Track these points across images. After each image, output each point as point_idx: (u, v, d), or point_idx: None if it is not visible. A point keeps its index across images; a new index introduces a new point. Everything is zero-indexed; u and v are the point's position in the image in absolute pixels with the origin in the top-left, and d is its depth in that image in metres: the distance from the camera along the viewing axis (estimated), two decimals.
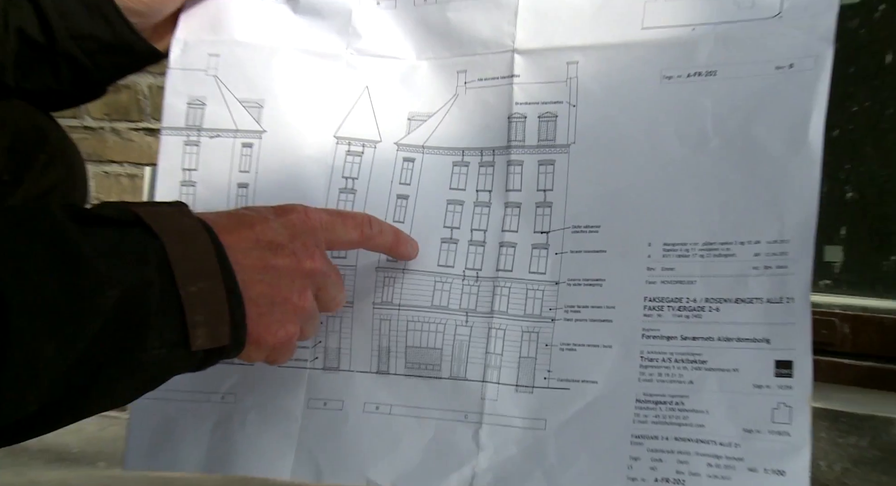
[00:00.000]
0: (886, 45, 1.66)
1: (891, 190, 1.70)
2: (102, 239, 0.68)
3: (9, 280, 0.60)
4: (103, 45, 1.02)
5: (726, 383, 0.87)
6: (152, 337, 0.68)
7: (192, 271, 0.70)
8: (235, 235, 0.76)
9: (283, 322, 0.79)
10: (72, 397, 0.66)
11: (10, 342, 0.59)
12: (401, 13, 1.02)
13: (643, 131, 0.93)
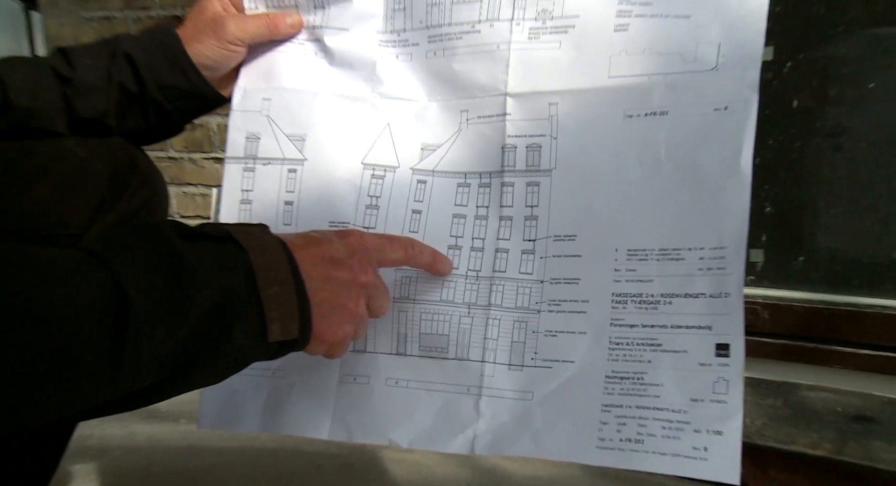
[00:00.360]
0: (793, 93, 1.66)
1: (799, 206, 1.70)
2: (202, 250, 0.68)
3: (130, 280, 0.61)
4: (182, 93, 1.03)
5: (677, 362, 0.86)
6: (238, 330, 0.68)
7: (270, 278, 0.71)
8: (305, 251, 0.76)
9: (341, 324, 0.79)
10: (175, 375, 0.66)
11: (129, 328, 0.60)
12: (415, 64, 1.01)
13: (610, 159, 0.92)
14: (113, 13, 2.41)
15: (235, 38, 1.01)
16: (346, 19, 1.03)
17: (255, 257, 0.70)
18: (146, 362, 0.62)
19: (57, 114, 0.99)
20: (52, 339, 0.57)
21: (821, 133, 1.67)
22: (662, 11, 0.91)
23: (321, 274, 0.77)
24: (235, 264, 0.70)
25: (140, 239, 0.67)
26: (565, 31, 0.94)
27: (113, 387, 0.62)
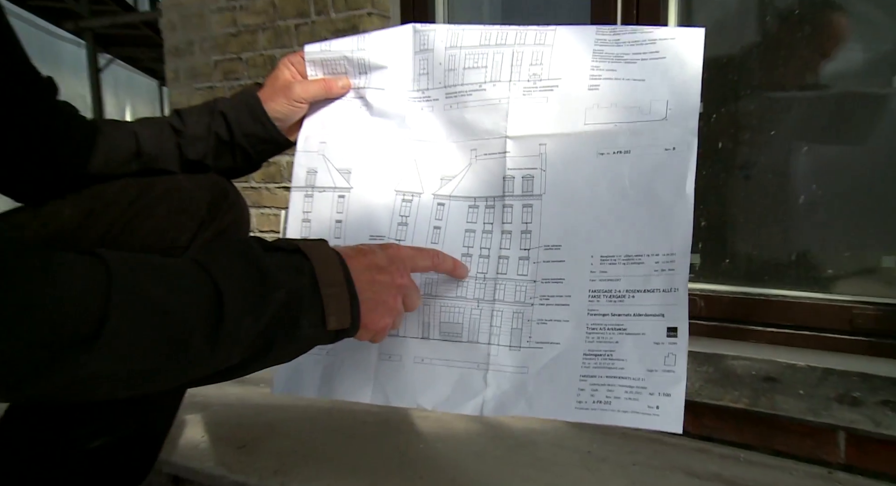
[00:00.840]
0: (717, 137, 1.65)
1: (724, 221, 1.68)
2: (278, 259, 0.69)
3: (224, 282, 0.62)
4: (261, 139, 1.02)
5: (638, 342, 0.84)
6: (304, 320, 0.69)
7: (328, 281, 0.71)
8: (355, 260, 0.76)
9: (382, 316, 0.78)
10: (256, 355, 0.66)
11: (224, 318, 0.61)
12: (436, 114, 0.96)
13: (586, 186, 0.88)
14: (214, 84, 2.41)
15: (300, 97, 1.00)
16: (383, 81, 1.00)
17: (316, 265, 0.70)
18: (236, 344, 0.63)
19: (172, 158, 1.01)
20: (171, 326, 0.58)
21: (736, 167, 1.65)
22: (624, 76, 0.88)
23: (367, 278, 0.76)
24: (302, 270, 0.69)
25: (232, 251, 0.67)
26: (551, 90, 0.91)
27: (212, 363, 0.62)
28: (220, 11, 2.34)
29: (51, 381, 0.53)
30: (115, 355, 0.55)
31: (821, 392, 1.36)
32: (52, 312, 0.52)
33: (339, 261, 0.73)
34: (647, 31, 0.89)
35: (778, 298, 1.56)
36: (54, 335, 0.52)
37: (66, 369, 0.53)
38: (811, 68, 1.56)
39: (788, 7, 1.57)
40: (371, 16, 2.03)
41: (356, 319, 0.74)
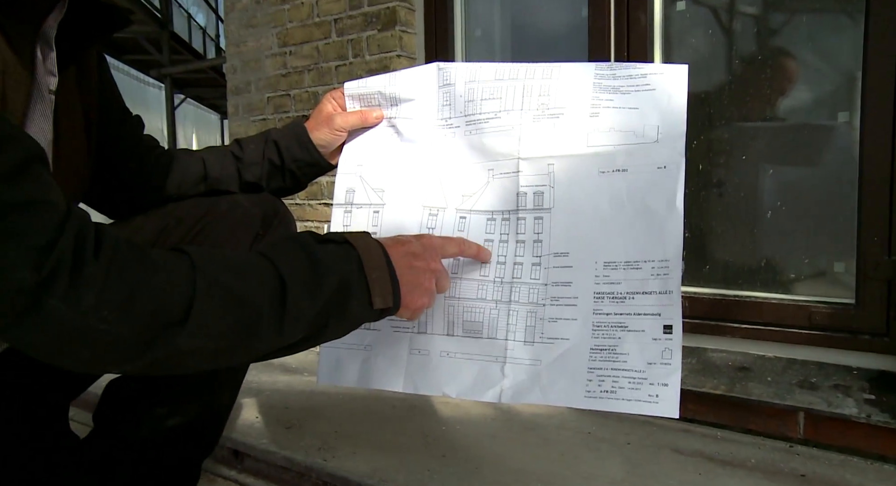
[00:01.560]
0: (697, 160, 1.62)
1: (703, 232, 1.63)
2: (330, 250, 0.68)
3: (286, 271, 0.62)
4: (307, 164, 1.01)
5: (638, 338, 0.80)
6: (353, 300, 0.68)
7: (372, 267, 0.70)
8: (394, 248, 0.74)
9: (420, 297, 0.75)
10: (315, 332, 0.66)
11: (287, 298, 0.61)
12: (458, 140, 0.92)
13: (590, 201, 0.84)
14: (267, 116, 2.38)
15: (341, 127, 0.98)
16: (411, 112, 0.96)
17: (362, 253, 0.69)
18: (298, 324, 0.62)
19: (233, 180, 1.01)
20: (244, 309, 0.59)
21: (713, 185, 1.61)
22: (621, 105, 0.85)
23: (406, 263, 0.74)
24: (350, 258, 0.68)
25: (291, 244, 0.67)
26: (557, 117, 0.87)
27: (278, 341, 0.62)
28: (273, 56, 2.32)
29: (153, 356, 0.54)
30: (201, 333, 0.55)
31: (785, 379, 1.34)
32: (154, 297, 0.53)
33: (381, 249, 0.71)
34: (639, 67, 0.86)
35: (749, 298, 1.52)
36: (157, 317, 0.53)
37: (165, 345, 0.54)
38: (772, 103, 1.55)
39: (752, 53, 1.57)
40: (400, 57, 2.00)
41: (398, 299, 0.72)
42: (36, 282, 0.47)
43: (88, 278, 0.50)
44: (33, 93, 0.64)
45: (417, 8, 2.04)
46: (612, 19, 1.64)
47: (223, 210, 0.92)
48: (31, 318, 0.48)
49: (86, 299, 0.49)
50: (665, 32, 1.64)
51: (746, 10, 1.60)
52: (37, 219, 0.49)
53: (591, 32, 1.68)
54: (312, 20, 2.19)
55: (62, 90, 0.72)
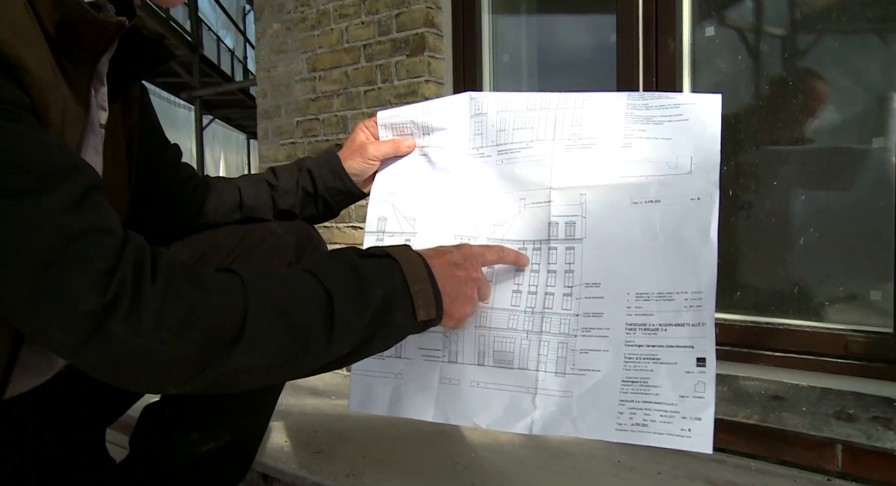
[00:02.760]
0: (727, 185, 1.60)
1: (734, 258, 1.62)
2: (373, 264, 0.69)
3: (332, 286, 0.63)
4: (340, 192, 1.03)
5: (670, 371, 0.79)
6: (398, 313, 0.68)
7: (415, 279, 0.70)
8: (436, 259, 0.75)
9: (463, 306, 0.77)
10: (361, 345, 0.66)
11: (334, 313, 0.62)
12: (489, 169, 0.93)
13: (622, 231, 0.84)
14: (296, 140, 2.42)
15: (374, 156, 0.99)
16: (443, 141, 0.97)
17: (404, 265, 0.70)
18: (346, 338, 0.63)
19: (267, 208, 1.03)
20: (294, 325, 0.60)
21: (742, 211, 1.60)
22: (653, 135, 0.85)
23: (447, 274, 0.75)
24: (393, 271, 0.69)
25: (335, 260, 0.68)
26: (589, 147, 0.87)
27: (327, 355, 0.63)
28: (303, 81, 2.36)
29: (210, 375, 0.55)
30: (255, 350, 0.57)
31: (821, 410, 1.30)
32: (209, 316, 0.54)
33: (422, 261, 0.72)
34: (672, 97, 0.86)
35: (782, 326, 1.49)
36: (212, 336, 0.54)
37: (220, 364, 0.55)
38: (802, 126, 1.53)
39: (781, 75, 1.56)
40: (428, 82, 2.02)
41: (440, 309, 0.72)
42: (101, 306, 0.49)
43: (147, 301, 0.51)
44: (87, 127, 0.66)
45: (445, 34, 2.07)
46: (641, 44, 1.65)
47: (258, 237, 0.94)
48: (95, 341, 0.50)
49: (145, 321, 0.51)
50: (694, 58, 1.64)
51: (776, 32, 1.59)
52: (100, 245, 0.51)
53: (620, 57, 1.68)
54: (342, 46, 2.23)
55: (109, 122, 0.75)
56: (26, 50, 0.55)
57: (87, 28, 0.61)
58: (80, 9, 0.60)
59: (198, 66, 6.80)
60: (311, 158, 1.05)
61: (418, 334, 0.75)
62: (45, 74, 0.56)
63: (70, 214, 0.50)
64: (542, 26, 2.03)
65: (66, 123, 0.60)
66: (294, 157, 2.42)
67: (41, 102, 0.56)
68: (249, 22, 10.73)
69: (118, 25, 0.64)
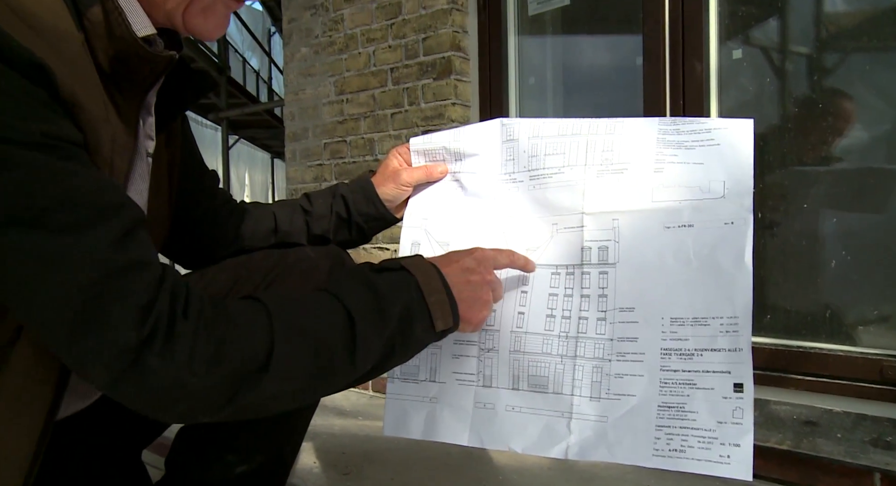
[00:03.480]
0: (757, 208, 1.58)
1: (764, 281, 1.60)
2: (389, 279, 0.70)
3: (352, 305, 0.65)
4: (373, 217, 1.04)
5: (707, 396, 0.79)
6: (416, 325, 0.70)
7: (431, 290, 0.71)
8: (449, 267, 0.76)
9: (479, 311, 0.77)
10: (383, 360, 0.68)
11: (356, 332, 0.63)
12: (521, 194, 0.94)
13: (655, 256, 0.84)
14: (323, 161, 2.45)
15: (406, 182, 1.01)
16: (475, 167, 0.98)
17: (419, 277, 0.71)
18: (368, 355, 0.65)
19: (301, 233, 1.04)
20: (319, 348, 0.61)
21: (772, 233, 1.59)
22: (685, 160, 0.85)
23: (462, 280, 0.76)
24: (409, 285, 0.70)
25: (354, 279, 0.69)
26: (621, 172, 0.88)
27: (352, 373, 0.65)
28: (331, 104, 2.40)
29: (241, 402, 0.57)
30: (283, 376, 0.58)
31: (856, 436, 1.28)
32: (238, 348, 0.56)
33: (437, 271, 0.73)
34: (703, 122, 0.86)
35: (814, 350, 1.48)
36: (242, 366, 0.56)
37: (251, 391, 0.57)
38: (831, 146, 1.52)
39: (809, 97, 1.56)
40: (455, 105, 2.05)
41: (457, 317, 0.74)
42: (139, 340, 0.51)
43: (180, 335, 0.53)
44: (135, 157, 0.69)
45: (472, 57, 2.09)
46: (668, 68, 1.66)
47: (292, 262, 0.95)
48: (132, 374, 0.51)
49: (179, 355, 0.52)
50: (721, 81, 1.64)
51: (802, 51, 1.59)
52: (139, 280, 0.53)
53: (646, 81, 1.69)
54: (369, 69, 2.27)
55: (154, 151, 0.77)
56: (81, 86, 0.57)
57: (140, 62, 0.64)
58: (133, 44, 0.62)
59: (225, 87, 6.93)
60: (344, 183, 1.06)
61: (438, 341, 0.77)
62: (98, 109, 0.59)
63: (113, 251, 0.52)
64: (568, 48, 2.05)
65: (115, 153, 0.62)
66: (321, 178, 2.45)
67: (93, 136, 0.58)
68: (274, 43, 10.92)
69: (168, 60, 0.66)
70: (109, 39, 0.61)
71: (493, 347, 0.89)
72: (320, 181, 2.45)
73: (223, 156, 7.31)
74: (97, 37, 0.61)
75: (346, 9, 2.33)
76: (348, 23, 2.33)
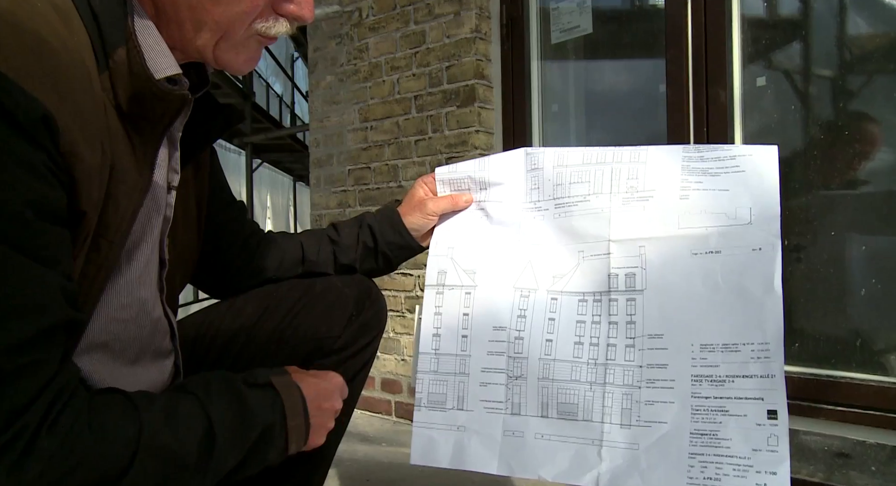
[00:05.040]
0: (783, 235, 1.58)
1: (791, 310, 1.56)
2: (257, 396, 0.69)
3: (218, 423, 0.64)
4: (399, 246, 1.05)
5: (741, 423, 0.79)
6: (272, 449, 0.70)
7: (293, 413, 0.71)
8: (309, 389, 0.75)
9: (321, 437, 0.77)
10: (230, 473, 0.66)
11: (213, 451, 0.63)
12: (547, 222, 0.95)
13: (683, 283, 0.84)
14: (347, 188, 2.48)
15: (432, 212, 1.02)
16: (500, 195, 0.99)
17: (285, 398, 0.71)
18: (218, 472, 0.65)
19: (328, 262, 1.04)
20: (175, 464, 0.60)
21: (799, 259, 1.58)
22: (710, 187, 0.86)
23: (316, 405, 0.75)
24: (275, 407, 0.70)
25: (223, 386, 0.68)
26: (647, 200, 0.89)
27: (204, 478, 0.64)
28: (355, 131, 2.44)
29: None
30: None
31: (892, 469, 1.26)
32: (95, 467, 0.55)
33: (300, 395, 0.73)
34: (727, 149, 0.87)
35: (845, 379, 1.46)
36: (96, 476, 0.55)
37: None
38: (857, 170, 1.52)
39: (833, 122, 1.56)
40: (478, 132, 2.07)
41: (306, 441, 0.74)
42: None
43: (38, 452, 0.51)
44: (147, 194, 0.69)
45: (495, 85, 2.12)
46: (691, 95, 1.67)
47: (319, 292, 0.96)
48: None
49: (28, 474, 0.51)
50: (745, 107, 1.65)
51: (826, 74, 1.60)
52: (20, 387, 0.51)
53: (670, 108, 1.70)
54: (393, 97, 2.31)
55: (181, 183, 0.78)
56: (85, 133, 0.57)
57: (154, 101, 0.64)
58: (148, 83, 0.63)
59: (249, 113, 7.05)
60: (371, 213, 1.08)
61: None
62: (95, 157, 0.58)
63: (5, 354, 0.51)
64: (590, 75, 2.07)
65: (121, 193, 0.63)
66: (345, 204, 2.48)
67: (86, 184, 0.57)
68: (297, 68, 11.11)
69: (182, 98, 0.66)
70: (129, 79, 0.62)
71: (521, 374, 0.89)
72: (344, 207, 2.48)
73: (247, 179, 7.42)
74: (119, 76, 0.62)
75: (370, 38, 2.38)
76: (373, 51, 2.38)
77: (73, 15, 0.60)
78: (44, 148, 0.53)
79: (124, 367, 0.73)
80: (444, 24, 2.15)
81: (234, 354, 0.93)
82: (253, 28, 0.69)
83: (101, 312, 0.67)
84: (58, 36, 0.57)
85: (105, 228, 0.62)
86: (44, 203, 0.54)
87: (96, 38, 0.61)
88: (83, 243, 0.61)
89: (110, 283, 0.67)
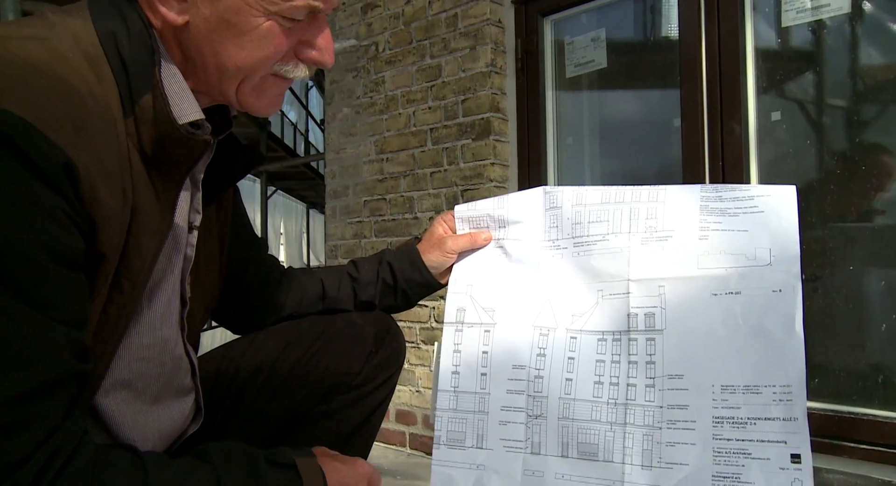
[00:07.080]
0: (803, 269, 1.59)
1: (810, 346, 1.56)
2: (277, 475, 0.67)
3: None
4: (418, 283, 1.05)
5: (763, 466, 0.78)
6: None
7: None
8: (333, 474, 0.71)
9: None
10: None
11: None
12: (565, 261, 0.96)
13: (703, 322, 0.85)
14: (363, 219, 2.51)
15: (451, 249, 1.03)
16: (519, 234, 1.00)
17: (306, 483, 0.68)
18: None
19: (348, 299, 1.05)
20: None
21: (809, 283, 1.59)
22: (729, 227, 0.87)
23: None
24: None
25: (244, 460, 0.66)
26: (666, 240, 0.90)
27: None
28: (371, 162, 2.48)
29: None
30: None
31: None
32: None
33: (322, 481, 0.70)
34: (745, 189, 0.88)
35: (867, 417, 1.44)
36: None
37: None
38: (872, 201, 1.53)
39: (847, 151, 1.57)
40: (493, 165, 2.10)
41: None
42: None
43: None
44: (168, 235, 0.70)
45: (510, 118, 2.15)
46: (706, 130, 1.68)
47: (339, 328, 0.98)
48: None
49: None
50: (760, 140, 1.66)
51: (840, 105, 1.61)
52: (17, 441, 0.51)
53: (685, 142, 1.72)
54: (409, 129, 2.34)
55: (203, 223, 0.79)
56: (106, 178, 0.59)
57: (176, 145, 0.66)
58: (171, 128, 0.65)
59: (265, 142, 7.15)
60: (390, 251, 1.09)
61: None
62: (116, 201, 0.60)
63: (5, 406, 0.51)
64: (605, 109, 2.10)
65: (143, 235, 0.64)
66: (361, 235, 2.50)
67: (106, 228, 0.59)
68: (312, 96, 11.27)
69: (204, 143, 0.68)
70: (154, 124, 0.64)
71: (541, 413, 0.89)
72: (360, 238, 2.51)
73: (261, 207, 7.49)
74: (144, 122, 0.64)
75: (387, 71, 2.43)
76: (389, 85, 2.42)
77: (102, 61, 0.63)
78: (63, 194, 0.55)
79: (146, 405, 0.74)
80: (460, 58, 2.19)
81: (255, 389, 0.94)
82: (272, 69, 0.71)
83: (124, 351, 0.69)
84: (85, 83, 0.59)
85: (127, 269, 0.64)
86: (60, 248, 0.55)
87: (124, 85, 0.64)
88: (104, 284, 0.62)
89: (133, 322, 0.69)
